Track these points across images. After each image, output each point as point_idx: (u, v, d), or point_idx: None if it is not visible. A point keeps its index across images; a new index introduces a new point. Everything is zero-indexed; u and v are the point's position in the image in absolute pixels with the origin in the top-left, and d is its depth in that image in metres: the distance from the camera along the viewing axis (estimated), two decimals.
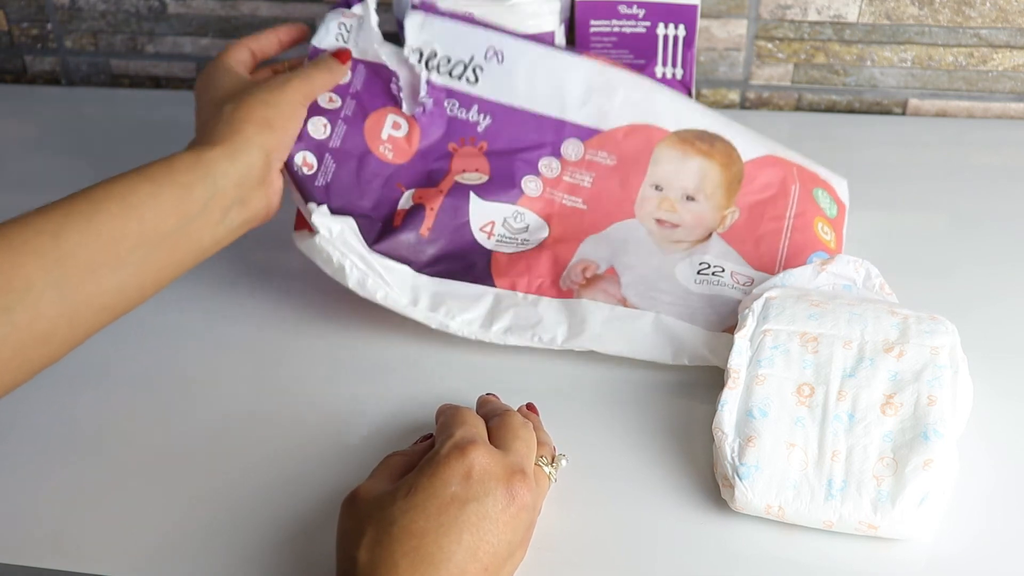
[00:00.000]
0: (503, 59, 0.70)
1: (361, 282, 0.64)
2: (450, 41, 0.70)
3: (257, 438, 0.61)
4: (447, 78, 0.70)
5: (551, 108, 0.70)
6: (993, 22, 0.86)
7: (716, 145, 0.70)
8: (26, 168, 0.89)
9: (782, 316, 0.58)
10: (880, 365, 0.55)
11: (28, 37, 1.01)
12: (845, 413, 0.54)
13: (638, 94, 0.71)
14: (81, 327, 0.55)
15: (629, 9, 0.80)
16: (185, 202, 0.58)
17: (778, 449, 0.54)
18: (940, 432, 0.53)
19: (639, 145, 0.70)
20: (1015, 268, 0.71)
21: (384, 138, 0.68)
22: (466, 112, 0.70)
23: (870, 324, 0.57)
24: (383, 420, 0.62)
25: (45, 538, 0.56)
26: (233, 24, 0.97)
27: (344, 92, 0.68)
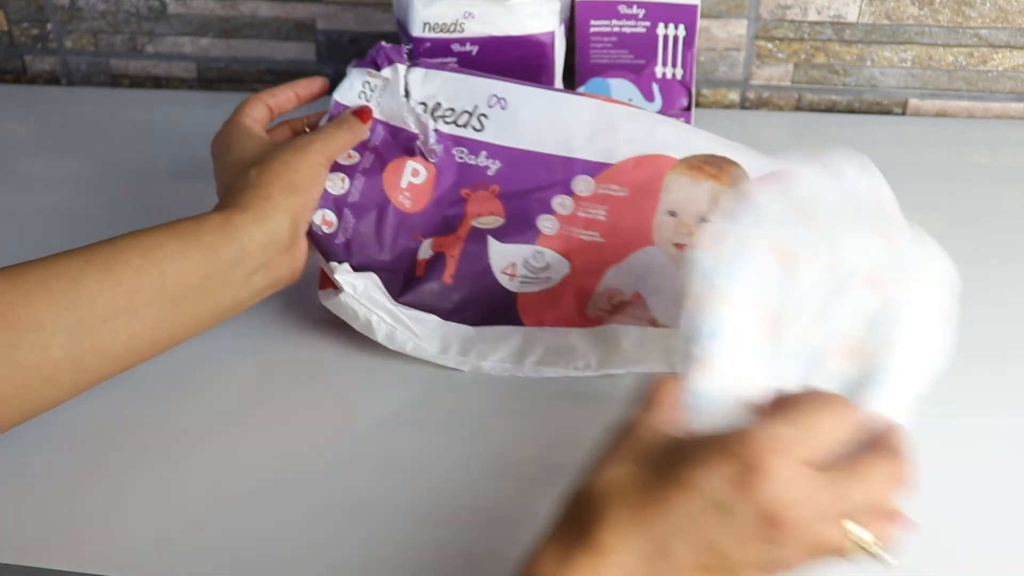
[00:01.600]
0: (506, 106, 0.71)
1: (390, 336, 0.64)
2: (452, 92, 0.72)
3: (260, 438, 0.61)
4: (453, 127, 0.71)
5: (558, 148, 0.71)
6: (993, 22, 0.86)
7: (724, 168, 0.70)
8: (26, 168, 0.89)
9: (761, 221, 0.50)
10: (858, 305, 0.49)
11: (28, 37, 1.01)
12: (806, 354, 0.48)
13: (642, 128, 0.72)
14: (87, 374, 0.55)
15: (629, 9, 0.80)
16: (210, 261, 0.58)
17: (731, 381, 0.47)
18: (897, 385, 0.48)
19: (649, 175, 0.70)
20: (1015, 268, 0.71)
21: (403, 186, 0.69)
22: (475, 158, 0.71)
23: (857, 247, 0.50)
24: (385, 417, 0.62)
25: (45, 538, 0.56)
26: (233, 24, 0.97)
27: (362, 147, 0.70)
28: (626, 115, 0.72)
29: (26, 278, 0.53)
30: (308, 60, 0.97)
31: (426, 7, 0.77)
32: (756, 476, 0.40)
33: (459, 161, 0.71)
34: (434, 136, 0.70)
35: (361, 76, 0.72)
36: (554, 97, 0.72)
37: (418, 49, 0.78)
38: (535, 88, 0.72)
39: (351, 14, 0.94)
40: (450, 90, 0.72)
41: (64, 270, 0.54)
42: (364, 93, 0.71)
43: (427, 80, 0.72)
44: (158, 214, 0.81)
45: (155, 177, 0.86)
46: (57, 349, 0.53)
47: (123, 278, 0.55)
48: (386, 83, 0.71)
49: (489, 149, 0.71)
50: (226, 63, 0.99)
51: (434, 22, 0.77)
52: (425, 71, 0.72)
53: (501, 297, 0.67)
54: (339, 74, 0.97)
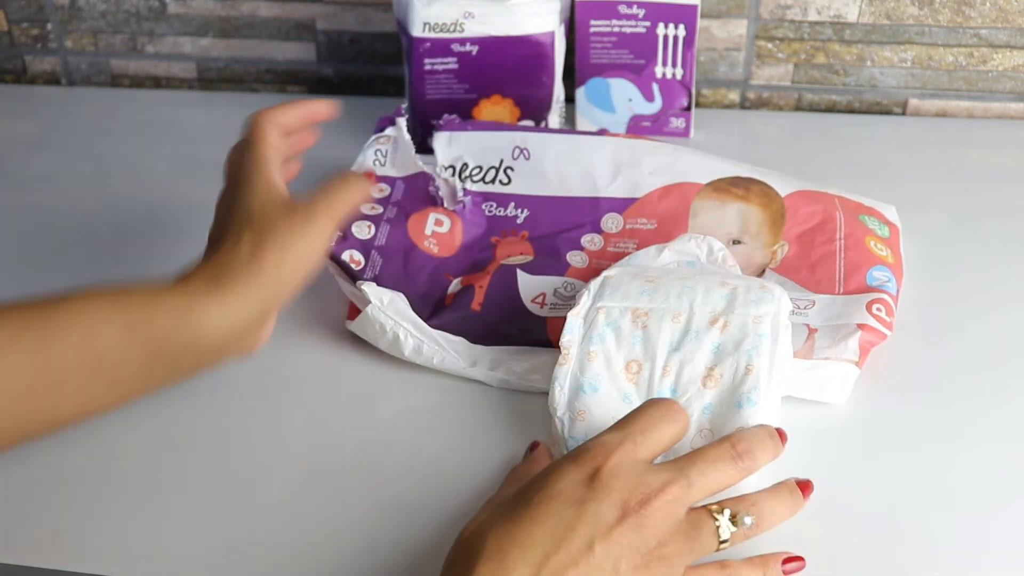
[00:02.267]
0: (529, 155, 0.73)
1: (417, 349, 0.63)
2: (478, 151, 0.74)
3: (262, 438, 0.61)
4: (481, 184, 0.73)
5: (584, 190, 0.72)
6: (993, 22, 0.86)
7: (751, 188, 0.71)
8: (26, 168, 0.89)
9: (616, 293, 0.59)
10: (704, 338, 0.57)
11: (28, 37, 1.01)
12: (668, 388, 0.56)
13: (665, 159, 0.73)
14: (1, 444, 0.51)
15: (629, 9, 0.80)
16: (156, 354, 0.53)
17: (606, 423, 0.53)
18: (753, 400, 0.54)
19: (676, 203, 0.71)
20: (1015, 268, 0.71)
21: (428, 234, 0.70)
22: (504, 210, 0.72)
23: (699, 296, 0.58)
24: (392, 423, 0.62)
25: (45, 538, 0.56)
26: (233, 24, 0.97)
27: (385, 202, 0.71)
28: (647, 149, 0.73)
29: None
30: (308, 60, 0.97)
31: (426, 7, 0.77)
32: (601, 472, 0.46)
33: (488, 215, 0.72)
34: (462, 193, 0.72)
35: (372, 147, 0.74)
36: (575, 140, 0.74)
37: (418, 49, 0.78)
38: (556, 134, 0.75)
39: (351, 14, 0.94)
40: (475, 148, 0.74)
41: None
42: (378, 160, 0.74)
43: (452, 143, 0.74)
44: (158, 214, 0.81)
45: (155, 177, 0.86)
46: None
47: (55, 356, 0.50)
48: (394, 141, 0.74)
49: (517, 200, 0.72)
50: (226, 63, 0.99)
51: (434, 22, 0.77)
52: (449, 134, 0.75)
53: (530, 321, 0.65)
54: (339, 74, 0.97)
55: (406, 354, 0.63)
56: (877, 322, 0.62)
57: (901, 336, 0.64)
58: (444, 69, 0.80)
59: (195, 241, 0.59)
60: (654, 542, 0.46)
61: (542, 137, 0.74)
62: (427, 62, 0.79)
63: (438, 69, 0.80)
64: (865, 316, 0.62)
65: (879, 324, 0.62)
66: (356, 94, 0.97)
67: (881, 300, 0.63)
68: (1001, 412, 0.60)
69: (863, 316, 0.62)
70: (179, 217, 0.80)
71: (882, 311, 0.63)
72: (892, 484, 0.56)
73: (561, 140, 0.74)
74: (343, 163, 0.84)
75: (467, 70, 0.80)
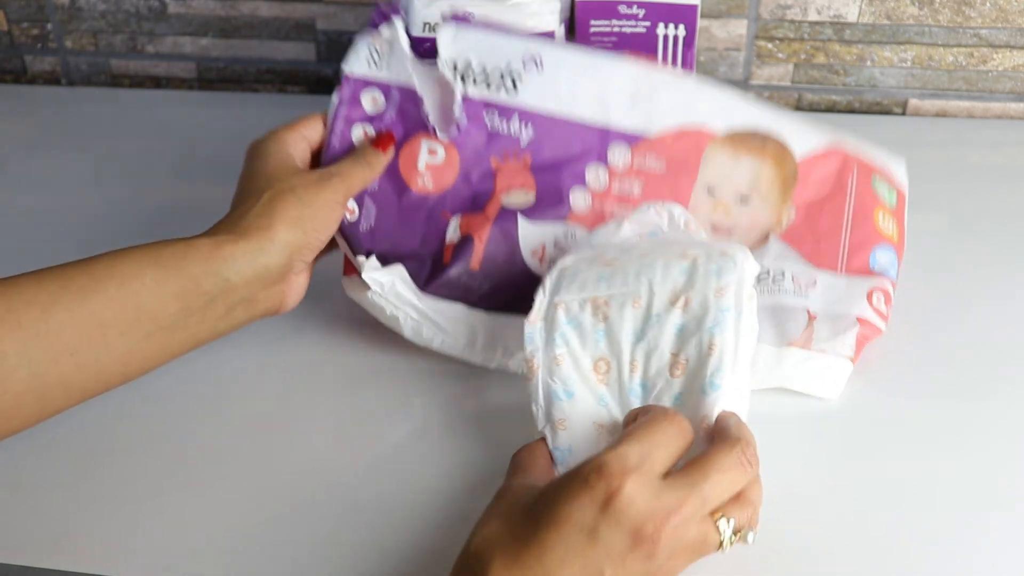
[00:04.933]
0: (542, 66, 0.68)
1: (416, 331, 0.63)
2: (485, 51, 0.68)
3: (263, 438, 0.61)
4: (484, 89, 0.68)
5: (595, 115, 0.68)
6: (993, 22, 0.86)
7: (768, 144, 0.68)
8: (26, 168, 0.89)
9: (573, 284, 0.56)
10: (667, 321, 0.54)
11: (28, 37, 1.01)
12: (638, 384, 0.54)
13: (684, 96, 0.68)
14: (50, 406, 0.53)
15: (629, 9, 0.80)
16: (189, 294, 0.56)
17: (587, 431, 0.52)
18: (717, 384, 0.52)
19: (688, 148, 0.67)
20: (1015, 268, 0.71)
21: (421, 169, 0.67)
22: (507, 124, 0.67)
23: (658, 273, 0.55)
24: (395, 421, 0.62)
25: (45, 538, 0.56)
26: (233, 24, 0.97)
27: (379, 122, 0.67)
28: (668, 82, 0.68)
29: None
30: (308, 60, 0.97)
31: (426, 7, 0.77)
32: (617, 499, 0.44)
33: (490, 129, 0.67)
34: (460, 107, 0.67)
35: (366, 43, 0.68)
36: (594, 59, 0.68)
37: (418, 49, 0.78)
38: (574, 48, 0.69)
39: (351, 14, 0.94)
40: (483, 48, 0.68)
41: (35, 298, 0.52)
42: (372, 60, 0.68)
43: (458, 38, 0.68)
44: (158, 214, 0.81)
45: (155, 177, 0.86)
46: (19, 383, 0.51)
47: (96, 308, 0.53)
48: (391, 44, 0.68)
49: (522, 113, 0.67)
50: (226, 63, 0.99)
51: (434, 22, 0.77)
52: (456, 28, 0.68)
53: (529, 283, 0.63)
54: (339, 74, 0.97)
55: (406, 334, 0.63)
56: (875, 315, 0.62)
57: (900, 336, 0.64)
58: None
59: None
60: (663, 559, 0.45)
61: (559, 50, 0.68)
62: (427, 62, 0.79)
63: None
64: (864, 308, 0.62)
65: (877, 318, 0.62)
66: None
67: (882, 289, 0.63)
68: (997, 412, 0.60)
69: (862, 308, 0.62)
70: (179, 217, 0.80)
71: (881, 301, 0.63)
72: (883, 480, 0.56)
73: (579, 55, 0.68)
74: None
75: None
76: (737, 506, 0.47)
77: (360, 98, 0.68)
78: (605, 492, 0.44)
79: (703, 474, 0.46)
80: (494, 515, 0.48)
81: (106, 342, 0.53)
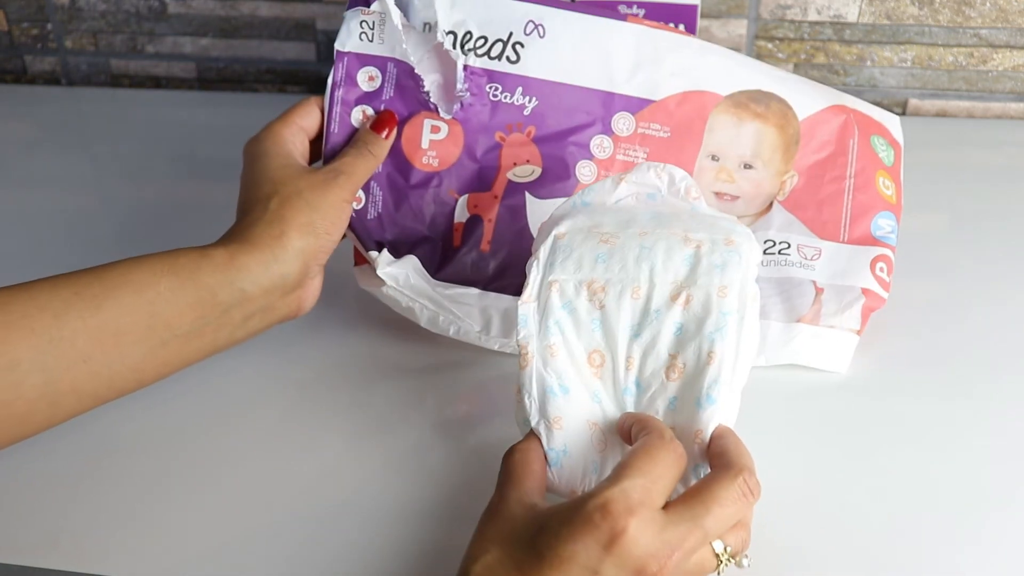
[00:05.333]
0: (544, 33, 0.66)
1: (433, 320, 0.63)
2: (485, 18, 0.66)
3: (265, 437, 0.61)
4: (485, 60, 0.66)
5: (599, 82, 0.67)
6: (993, 22, 0.86)
7: (771, 106, 0.68)
8: (26, 168, 0.89)
9: (568, 261, 0.54)
10: (666, 319, 0.52)
11: (28, 37, 1.01)
12: (633, 383, 0.52)
13: (688, 59, 0.67)
14: (63, 411, 0.53)
15: (629, 9, 0.80)
16: (205, 304, 0.55)
17: (582, 430, 0.51)
18: (713, 398, 0.50)
19: (692, 114, 0.67)
20: (1015, 268, 0.71)
21: (425, 147, 0.66)
22: (510, 95, 0.66)
23: (659, 260, 0.53)
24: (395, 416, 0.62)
25: (45, 538, 0.56)
26: (233, 24, 0.97)
27: (376, 100, 0.66)
28: (672, 45, 0.67)
29: (7, 310, 0.50)
30: (308, 60, 0.97)
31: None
32: (621, 539, 0.43)
33: (493, 100, 0.66)
34: (462, 82, 0.65)
35: (356, 17, 0.65)
36: (597, 23, 0.67)
37: None
38: (576, 12, 0.67)
39: None
40: (482, 15, 0.66)
41: (49, 303, 0.51)
42: (365, 34, 0.65)
43: (457, 5, 0.66)
44: (158, 214, 0.81)
45: (155, 177, 0.86)
46: (31, 389, 0.50)
47: (111, 316, 0.52)
48: (383, 16, 0.65)
49: (525, 84, 0.66)
50: (226, 63, 0.99)
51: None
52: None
53: None
54: None
55: (422, 324, 0.63)
56: (879, 285, 0.63)
57: (899, 335, 0.65)
58: None
59: (195, 241, 0.59)
60: None
61: (560, 14, 0.66)
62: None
63: None
64: (868, 278, 0.63)
65: (880, 288, 0.63)
66: None
67: (884, 257, 0.65)
68: (995, 411, 0.60)
69: (867, 278, 0.63)
70: (179, 217, 0.80)
71: (884, 271, 0.64)
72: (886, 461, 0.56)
73: (582, 20, 0.66)
74: None
75: None
76: (732, 532, 0.47)
77: (356, 77, 0.66)
78: (610, 533, 0.44)
79: (705, 507, 0.46)
80: (492, 540, 0.47)
81: (120, 350, 0.53)
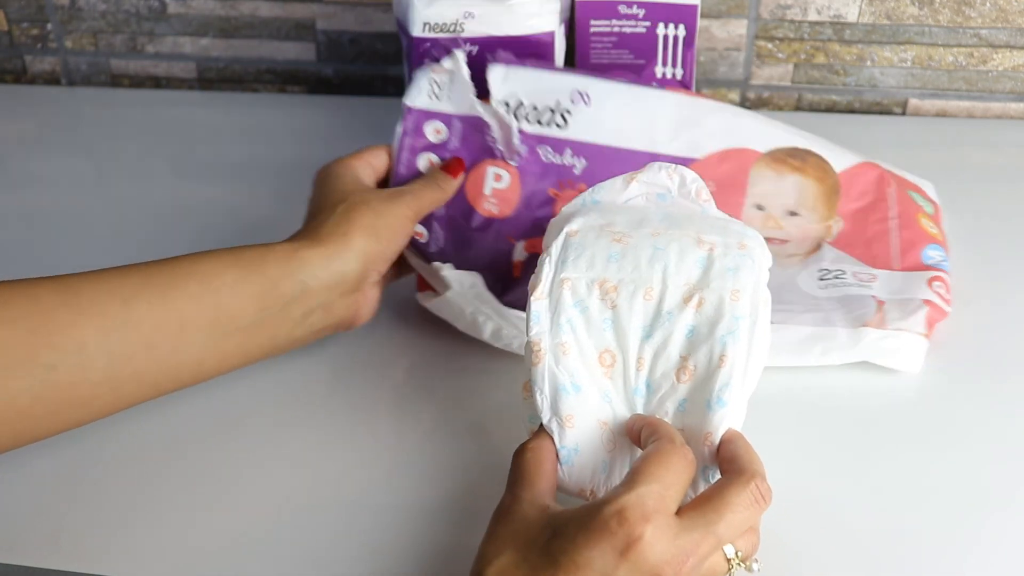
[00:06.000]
0: (589, 100, 0.71)
1: (496, 333, 0.64)
2: (534, 89, 0.71)
3: (266, 437, 0.61)
4: (536, 126, 0.70)
5: (642, 144, 0.70)
6: (993, 22, 0.86)
7: (808, 160, 0.71)
8: (26, 168, 0.89)
9: (580, 259, 0.54)
10: (678, 320, 0.52)
11: (28, 37, 1.01)
12: (644, 383, 0.53)
13: (725, 121, 0.72)
14: (124, 399, 0.54)
15: (629, 9, 0.80)
16: (268, 295, 0.57)
17: (592, 428, 0.51)
18: (724, 400, 0.50)
19: (734, 169, 0.70)
20: (1015, 268, 0.71)
21: (487, 193, 0.69)
22: (560, 156, 0.70)
23: (672, 262, 0.53)
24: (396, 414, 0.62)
25: (45, 538, 0.56)
26: (233, 24, 0.97)
27: (442, 150, 0.69)
28: (709, 109, 0.72)
29: (78, 292, 0.52)
30: (308, 60, 0.97)
31: (426, 7, 0.77)
32: (638, 546, 0.44)
33: (545, 161, 0.70)
34: (518, 137, 0.69)
35: (426, 75, 0.71)
36: (638, 92, 0.72)
37: (418, 49, 0.78)
38: (618, 83, 0.72)
39: (351, 14, 0.94)
40: (531, 87, 0.71)
41: (118, 290, 0.53)
42: (433, 92, 0.70)
43: (508, 78, 0.71)
44: (158, 214, 0.81)
45: (155, 177, 0.86)
46: (96, 372, 0.52)
47: (177, 305, 0.54)
48: (451, 75, 0.70)
49: (573, 146, 0.70)
50: (226, 63, 0.99)
51: (434, 22, 0.77)
52: (506, 68, 0.71)
53: None
54: (339, 74, 0.97)
55: (485, 337, 0.64)
56: (940, 299, 0.64)
57: None
58: None
59: (195, 241, 0.59)
60: None
61: (604, 84, 0.71)
62: (427, 62, 0.79)
63: None
64: (928, 292, 0.64)
65: (941, 301, 0.64)
66: (356, 94, 0.97)
67: (939, 279, 0.65)
68: (1001, 410, 0.60)
69: (927, 292, 0.64)
70: (179, 217, 0.80)
71: (942, 288, 0.65)
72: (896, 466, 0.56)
73: (623, 89, 0.71)
74: None
75: None
76: (743, 537, 0.48)
77: (423, 129, 0.70)
78: (626, 539, 0.44)
79: (718, 514, 0.46)
80: (506, 542, 0.47)
81: (184, 339, 0.54)
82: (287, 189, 0.81)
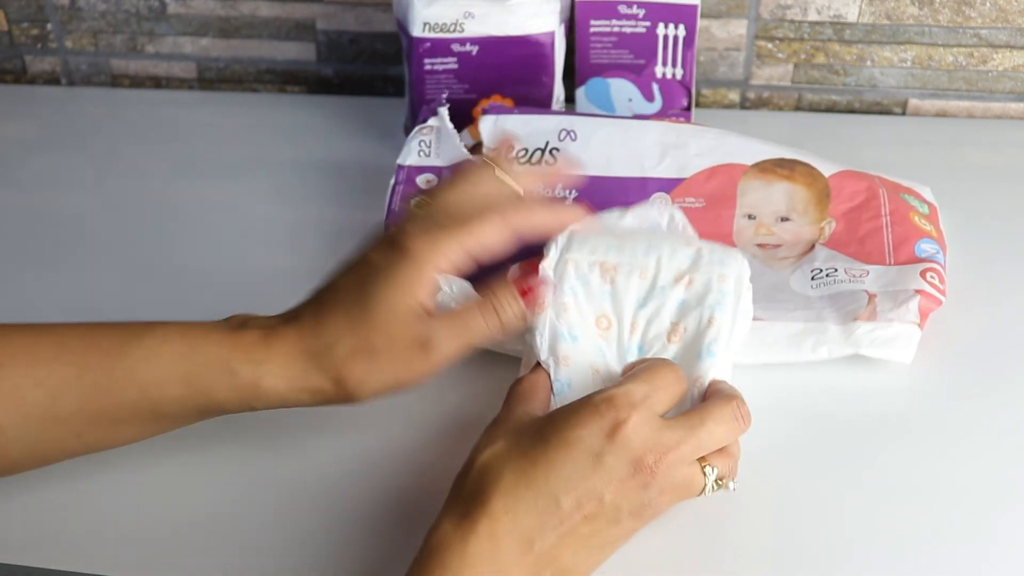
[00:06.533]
0: (576, 137, 0.73)
1: None
2: (524, 133, 0.73)
3: (266, 437, 0.61)
4: (528, 167, 0.72)
5: (631, 170, 0.72)
6: (993, 22, 0.86)
7: (796, 168, 0.72)
8: (26, 168, 0.89)
9: (584, 247, 0.60)
10: (670, 294, 0.58)
11: (28, 37, 1.01)
12: (636, 345, 0.58)
13: (710, 142, 0.73)
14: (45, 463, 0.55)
15: (629, 9, 0.80)
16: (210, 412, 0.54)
17: (585, 371, 0.57)
18: (713, 351, 0.56)
19: (723, 183, 0.71)
20: (1016, 268, 0.71)
21: None
22: (551, 190, 0.71)
23: (666, 254, 0.59)
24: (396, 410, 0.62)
25: (45, 538, 0.56)
26: (233, 24, 0.97)
27: None
28: (693, 132, 0.74)
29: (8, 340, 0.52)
30: (308, 60, 0.97)
31: (426, 7, 0.77)
32: (623, 429, 0.48)
33: None
34: None
35: (416, 138, 0.74)
36: (621, 124, 0.74)
37: (418, 49, 0.78)
38: (602, 118, 0.75)
39: (351, 14, 0.94)
40: (520, 132, 0.74)
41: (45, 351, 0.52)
42: (422, 151, 0.73)
43: (497, 125, 0.74)
44: (158, 214, 0.81)
45: (155, 177, 0.86)
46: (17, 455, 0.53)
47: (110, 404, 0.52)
48: (438, 131, 0.73)
49: (564, 181, 0.72)
50: (226, 63, 0.99)
51: (434, 22, 0.77)
52: (495, 118, 0.74)
53: None
54: (339, 74, 0.97)
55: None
56: (932, 288, 0.64)
57: None
58: (444, 69, 0.80)
59: (195, 241, 0.59)
60: (655, 493, 0.48)
61: (588, 120, 0.74)
62: (427, 62, 0.79)
63: (438, 69, 0.80)
64: (921, 283, 0.64)
65: (934, 291, 0.64)
66: (356, 94, 0.97)
67: (933, 269, 0.66)
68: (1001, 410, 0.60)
69: (919, 283, 0.64)
70: (179, 217, 0.80)
71: (935, 279, 0.65)
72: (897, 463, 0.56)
73: (608, 123, 0.74)
74: (345, 162, 0.84)
75: (467, 70, 0.80)
76: (720, 457, 0.51)
77: (415, 180, 0.73)
78: (613, 421, 0.48)
79: (700, 420, 0.50)
80: (498, 436, 0.50)
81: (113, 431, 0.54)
82: (287, 189, 0.82)
